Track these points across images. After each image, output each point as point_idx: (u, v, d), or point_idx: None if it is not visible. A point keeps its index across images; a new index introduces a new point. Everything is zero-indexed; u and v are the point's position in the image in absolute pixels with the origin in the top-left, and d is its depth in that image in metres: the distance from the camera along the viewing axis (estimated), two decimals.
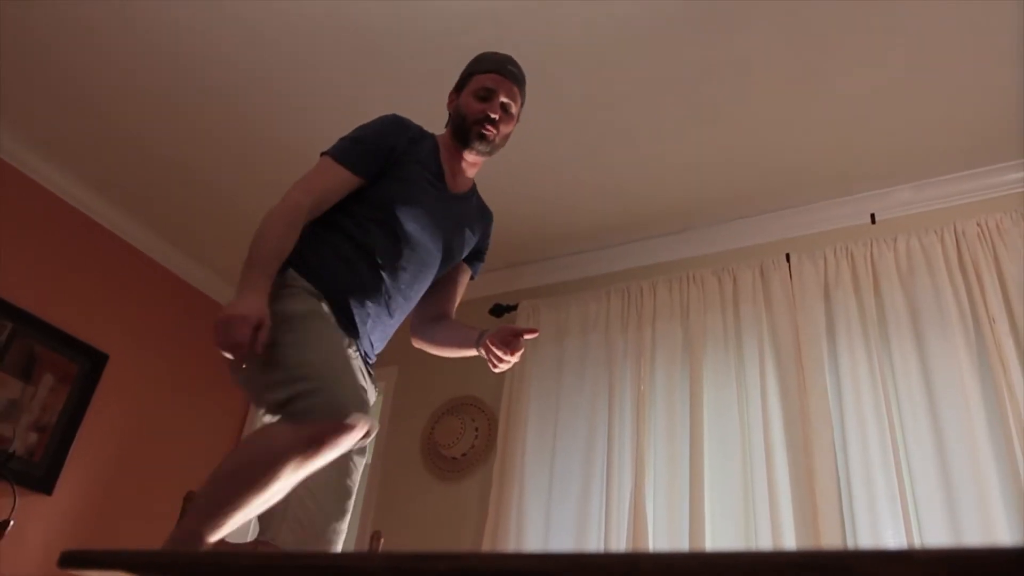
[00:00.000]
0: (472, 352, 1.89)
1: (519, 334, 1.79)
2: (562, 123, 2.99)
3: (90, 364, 3.49)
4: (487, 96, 1.83)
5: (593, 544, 2.88)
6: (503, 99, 1.84)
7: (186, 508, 2.36)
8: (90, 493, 3.41)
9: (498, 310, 3.64)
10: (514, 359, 1.81)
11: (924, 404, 2.63)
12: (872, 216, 3.18)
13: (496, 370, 1.82)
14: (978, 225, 2.86)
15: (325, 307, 1.62)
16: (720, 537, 2.71)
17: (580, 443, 3.12)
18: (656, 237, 3.55)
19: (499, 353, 1.79)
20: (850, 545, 2.53)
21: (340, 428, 1.36)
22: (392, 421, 3.79)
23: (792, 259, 3.13)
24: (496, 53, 1.94)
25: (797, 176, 3.15)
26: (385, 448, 3.73)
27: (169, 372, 3.87)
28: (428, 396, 3.76)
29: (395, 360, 4.02)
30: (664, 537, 2.76)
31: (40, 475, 3.23)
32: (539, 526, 3.00)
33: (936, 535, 2.42)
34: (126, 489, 3.54)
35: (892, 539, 2.43)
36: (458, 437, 3.44)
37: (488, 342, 1.81)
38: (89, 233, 3.68)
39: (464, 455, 3.43)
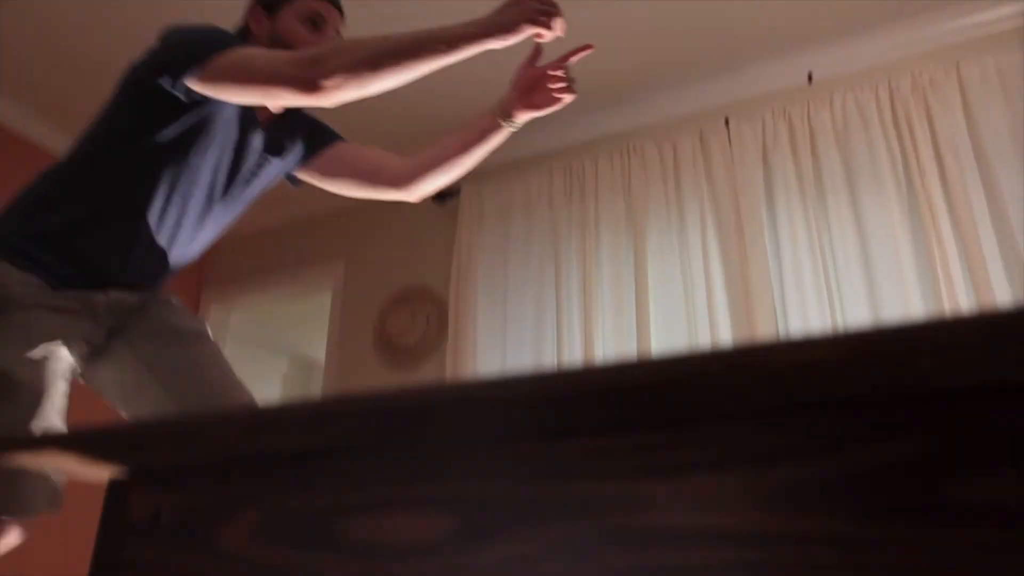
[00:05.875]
0: (499, 133, 1.64)
1: (566, 57, 1.48)
2: None
3: None
4: (321, 26, 1.49)
5: None
6: (334, 34, 1.52)
7: None
8: None
9: (440, 196, 3.58)
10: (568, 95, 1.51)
11: (858, 257, 2.71)
12: (809, 75, 3.16)
13: (559, 104, 1.53)
14: (912, 78, 2.87)
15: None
16: None
17: (529, 321, 3.16)
18: (595, 111, 3.49)
19: (552, 85, 1.52)
20: None
21: None
22: (343, 316, 3.78)
23: (731, 124, 3.11)
24: None
25: (731, 36, 3.09)
26: (339, 342, 3.74)
27: None
28: (377, 288, 3.75)
29: (341, 254, 3.98)
30: None
31: None
32: None
33: None
34: None
35: None
36: (410, 326, 3.45)
37: (527, 86, 1.57)
38: None
39: (417, 343, 3.46)
